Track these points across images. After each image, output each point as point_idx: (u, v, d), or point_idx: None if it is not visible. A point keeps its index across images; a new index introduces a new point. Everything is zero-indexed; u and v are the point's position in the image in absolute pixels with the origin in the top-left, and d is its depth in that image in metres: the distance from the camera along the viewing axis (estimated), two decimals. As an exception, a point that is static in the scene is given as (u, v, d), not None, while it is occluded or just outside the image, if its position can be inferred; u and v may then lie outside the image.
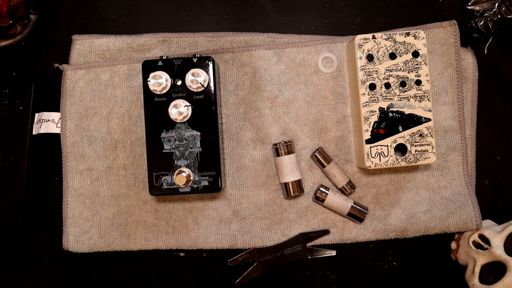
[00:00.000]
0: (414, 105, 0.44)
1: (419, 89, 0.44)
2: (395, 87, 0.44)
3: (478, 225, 0.47)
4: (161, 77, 0.43)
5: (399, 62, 0.44)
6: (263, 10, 0.51)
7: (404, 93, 0.44)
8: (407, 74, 0.44)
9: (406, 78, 0.44)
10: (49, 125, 0.49)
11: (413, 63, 0.44)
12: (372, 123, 0.44)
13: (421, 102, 0.44)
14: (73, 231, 0.48)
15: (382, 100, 0.44)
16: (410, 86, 0.44)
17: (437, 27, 0.48)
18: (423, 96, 0.44)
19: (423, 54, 0.44)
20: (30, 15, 0.49)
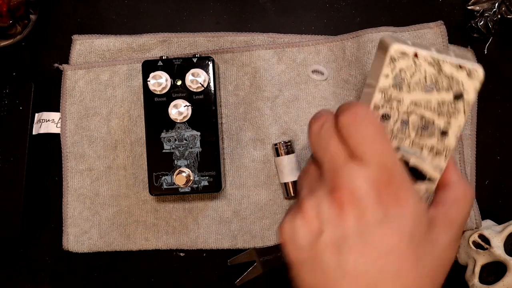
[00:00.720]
0: (426, 159, 0.33)
1: (441, 142, 0.33)
2: (413, 128, 0.33)
3: (478, 223, 0.47)
4: (161, 77, 0.43)
5: (432, 98, 0.32)
6: (263, 10, 0.51)
7: (420, 140, 0.33)
8: (436, 118, 0.32)
9: (432, 122, 0.32)
10: (49, 125, 0.49)
11: (450, 107, 0.32)
12: None
13: (435, 157, 0.33)
14: (73, 231, 0.48)
15: (390, 138, 0.33)
16: (432, 133, 0.33)
17: (425, 28, 0.48)
18: (441, 152, 0.33)
19: (467, 100, 0.32)
20: (30, 15, 0.49)
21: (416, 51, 0.31)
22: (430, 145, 0.33)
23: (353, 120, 0.29)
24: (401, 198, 0.28)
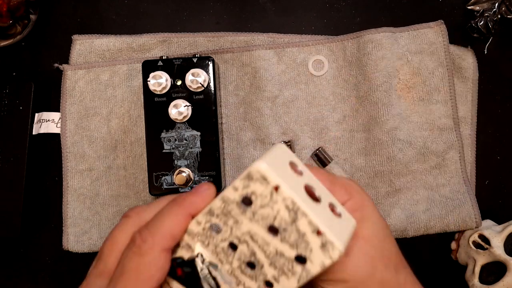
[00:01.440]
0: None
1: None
2: (238, 258, 0.27)
3: (478, 222, 0.47)
4: (161, 77, 0.43)
5: (272, 244, 0.26)
6: (263, 10, 0.51)
7: (241, 274, 0.27)
8: (267, 265, 0.27)
9: (261, 267, 0.27)
10: (49, 125, 0.49)
11: (286, 264, 0.26)
12: (178, 255, 0.29)
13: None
14: (73, 231, 0.48)
15: (211, 252, 0.28)
16: (254, 277, 0.27)
17: (425, 27, 0.48)
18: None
19: (309, 270, 0.26)
20: (30, 15, 0.49)
21: (279, 184, 0.25)
22: (248, 286, 0.27)
23: (130, 246, 0.28)
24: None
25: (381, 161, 0.47)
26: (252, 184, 0.26)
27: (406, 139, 0.48)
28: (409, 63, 0.48)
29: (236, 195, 0.26)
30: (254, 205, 0.26)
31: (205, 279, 0.28)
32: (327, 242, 0.25)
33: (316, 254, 0.25)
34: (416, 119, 0.48)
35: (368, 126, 0.48)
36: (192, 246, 0.28)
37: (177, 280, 0.29)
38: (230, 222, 0.27)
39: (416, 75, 0.48)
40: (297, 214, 0.25)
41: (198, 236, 0.28)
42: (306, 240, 0.25)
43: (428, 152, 0.48)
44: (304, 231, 0.25)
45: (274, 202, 0.25)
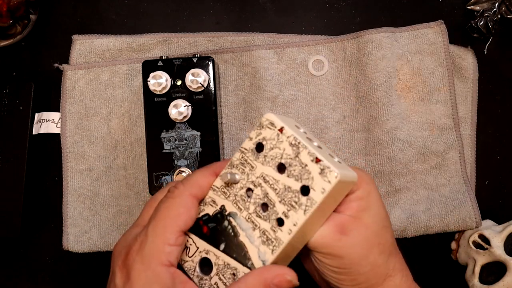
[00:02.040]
0: (254, 240, 0.30)
1: (274, 230, 0.30)
2: (254, 201, 0.31)
3: (478, 222, 0.47)
4: (161, 77, 0.44)
5: (281, 181, 0.30)
6: (263, 10, 0.51)
7: (256, 218, 0.30)
8: (277, 202, 0.30)
9: (273, 205, 0.30)
10: (49, 125, 0.49)
11: (293, 197, 0.29)
12: (205, 212, 0.33)
13: (263, 244, 0.30)
14: (73, 231, 0.48)
15: (231, 201, 0.32)
16: (268, 217, 0.30)
17: (425, 27, 0.48)
18: (270, 242, 0.30)
19: (312, 199, 0.29)
20: (30, 15, 0.49)
21: (283, 126, 0.30)
22: (263, 229, 0.30)
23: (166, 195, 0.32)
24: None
25: (381, 161, 0.47)
26: (263, 131, 0.31)
27: (406, 139, 0.48)
28: (409, 63, 0.48)
29: (251, 143, 0.31)
30: (265, 149, 0.31)
31: (226, 230, 0.32)
32: (325, 168, 0.29)
33: (317, 181, 0.29)
34: (416, 119, 0.48)
35: (368, 126, 0.48)
36: (216, 201, 0.32)
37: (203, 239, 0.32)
38: (246, 169, 0.31)
39: (416, 75, 0.48)
40: (299, 147, 0.30)
41: (221, 189, 0.32)
42: (307, 170, 0.29)
43: (428, 152, 0.48)
44: (306, 162, 0.29)
45: (280, 142, 0.30)
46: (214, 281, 0.31)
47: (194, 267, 0.32)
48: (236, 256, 0.31)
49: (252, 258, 0.30)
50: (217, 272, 0.31)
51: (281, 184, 0.30)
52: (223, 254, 0.31)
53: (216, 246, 0.32)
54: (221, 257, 0.31)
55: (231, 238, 0.31)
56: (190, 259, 0.32)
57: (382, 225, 0.32)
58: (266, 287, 0.29)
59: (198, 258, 0.32)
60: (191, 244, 0.33)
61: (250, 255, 0.30)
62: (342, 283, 0.32)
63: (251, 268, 0.30)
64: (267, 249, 0.30)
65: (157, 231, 0.30)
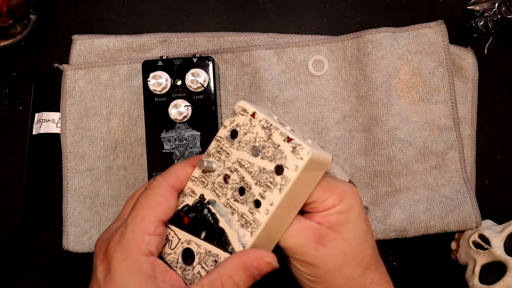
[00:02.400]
0: (233, 225, 0.31)
1: (251, 212, 0.30)
2: (231, 187, 0.31)
3: (478, 222, 0.47)
4: (161, 77, 0.43)
5: (255, 163, 0.31)
6: (263, 10, 0.51)
7: (234, 202, 0.31)
8: (253, 184, 0.30)
9: (249, 188, 0.31)
10: (49, 125, 0.49)
11: (268, 177, 0.30)
12: (184, 203, 0.33)
13: (242, 228, 0.30)
14: (73, 231, 0.48)
15: (209, 190, 0.32)
16: (245, 200, 0.31)
17: (425, 27, 0.48)
18: (248, 224, 0.30)
19: (286, 177, 0.29)
20: (30, 15, 0.49)
21: (254, 111, 0.31)
22: (241, 212, 0.31)
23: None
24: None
25: (381, 161, 0.47)
26: (236, 118, 0.32)
27: (406, 139, 0.48)
28: (409, 63, 0.48)
29: (225, 131, 0.32)
30: (239, 135, 0.32)
31: (206, 219, 0.32)
32: (296, 146, 0.30)
33: (290, 159, 0.30)
34: (416, 119, 0.48)
35: (368, 126, 0.48)
36: (195, 191, 0.33)
37: (184, 230, 0.33)
38: (222, 156, 0.32)
39: (416, 75, 0.48)
40: (271, 129, 0.31)
41: (200, 179, 0.33)
42: (280, 150, 0.30)
43: (428, 152, 0.48)
44: (278, 142, 0.30)
45: (253, 126, 0.31)
46: (196, 270, 0.32)
47: (176, 259, 0.32)
48: (217, 243, 0.31)
49: (232, 242, 0.31)
50: (199, 261, 0.32)
51: (256, 166, 0.31)
52: (204, 242, 0.32)
53: (197, 235, 0.32)
54: (202, 246, 0.32)
55: (211, 226, 0.32)
56: (173, 251, 0.33)
57: (361, 240, 0.33)
58: (246, 270, 0.29)
59: (180, 249, 0.32)
60: (173, 237, 0.33)
61: (230, 240, 0.31)
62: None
63: (231, 252, 0.31)
64: (246, 232, 0.30)
65: (136, 221, 0.30)
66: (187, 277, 0.32)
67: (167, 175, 0.32)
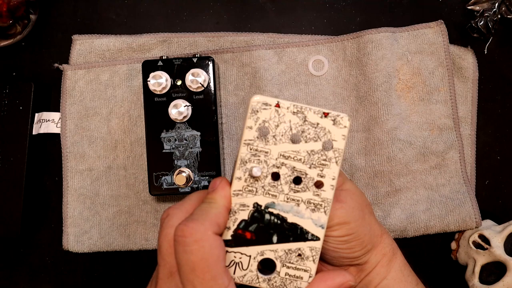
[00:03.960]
0: (304, 214, 0.31)
1: (317, 194, 0.31)
2: (285, 181, 0.31)
3: (478, 222, 0.47)
4: (161, 77, 0.43)
5: (301, 149, 0.31)
6: (263, 10, 0.51)
7: (295, 194, 0.31)
8: (307, 169, 0.31)
9: (304, 174, 0.31)
10: (49, 125, 0.49)
11: (320, 156, 0.31)
12: (239, 221, 0.31)
13: (314, 212, 0.31)
14: (73, 231, 0.48)
15: (262, 194, 0.31)
16: (306, 186, 0.31)
17: (425, 27, 0.48)
18: (319, 206, 0.31)
19: (337, 148, 0.31)
20: (30, 15, 0.49)
21: (278, 101, 0.30)
22: (306, 199, 0.31)
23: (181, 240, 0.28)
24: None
25: (381, 161, 0.47)
26: (259, 114, 0.30)
27: (406, 139, 0.48)
28: (409, 63, 0.48)
29: (253, 132, 0.31)
30: (270, 129, 0.31)
31: (271, 223, 0.31)
32: (335, 117, 0.30)
33: (334, 131, 0.30)
34: (416, 119, 0.48)
35: (368, 126, 0.48)
36: (245, 203, 0.31)
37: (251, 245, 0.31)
38: (262, 157, 0.31)
39: (416, 75, 0.48)
40: (303, 111, 0.30)
41: (245, 189, 0.31)
42: (321, 127, 0.30)
43: (428, 152, 0.48)
44: (316, 121, 0.30)
45: (282, 116, 0.30)
46: (283, 273, 0.31)
47: (256, 275, 0.32)
48: (294, 238, 0.31)
49: (309, 229, 0.31)
50: (282, 264, 0.31)
51: (303, 152, 0.31)
52: (279, 244, 0.31)
53: (269, 242, 0.31)
54: (279, 249, 0.31)
55: (280, 226, 0.31)
56: (247, 270, 0.31)
57: (359, 190, 0.36)
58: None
59: (255, 265, 0.31)
60: (241, 258, 0.31)
61: (306, 228, 0.31)
62: (353, 250, 0.34)
63: (312, 239, 0.31)
64: (320, 214, 0.31)
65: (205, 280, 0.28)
66: (276, 284, 0.31)
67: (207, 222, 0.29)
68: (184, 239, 0.28)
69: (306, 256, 0.31)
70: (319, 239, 0.31)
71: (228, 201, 0.31)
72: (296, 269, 0.31)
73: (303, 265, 0.31)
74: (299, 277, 0.31)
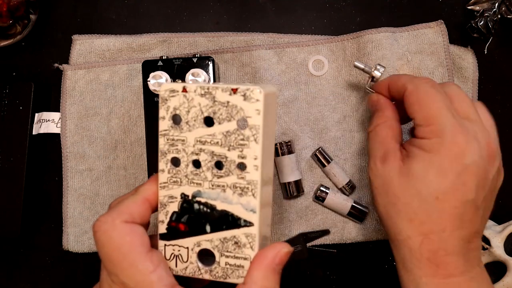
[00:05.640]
0: (231, 200, 0.30)
1: (242, 177, 0.29)
2: (206, 168, 0.30)
3: (478, 224, 0.46)
4: (161, 77, 0.43)
5: (216, 132, 0.29)
6: (263, 10, 0.51)
7: (218, 179, 0.30)
8: (227, 152, 0.29)
9: (224, 157, 0.29)
10: (49, 125, 0.49)
11: (237, 137, 0.29)
12: (170, 213, 0.31)
13: (241, 196, 0.30)
14: (73, 231, 0.48)
15: (187, 184, 0.30)
16: (228, 170, 0.30)
17: (425, 27, 0.48)
18: (246, 189, 0.29)
19: (254, 125, 0.29)
20: (30, 15, 0.49)
21: (184, 85, 0.29)
22: (231, 184, 0.30)
23: (94, 235, 0.30)
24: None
25: (381, 161, 0.47)
26: (169, 103, 0.30)
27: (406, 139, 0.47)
28: (409, 63, 0.48)
29: (166, 121, 0.30)
30: (182, 116, 0.30)
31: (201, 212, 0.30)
32: (245, 92, 0.28)
33: (247, 107, 0.28)
34: (416, 119, 0.48)
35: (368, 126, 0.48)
36: (173, 194, 0.31)
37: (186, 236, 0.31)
38: (179, 146, 0.30)
39: (416, 75, 0.48)
40: (211, 92, 0.29)
41: (170, 181, 0.31)
42: (232, 105, 0.29)
43: (428, 152, 0.48)
44: (225, 99, 0.29)
45: (191, 100, 0.29)
46: (223, 263, 0.30)
47: (197, 267, 0.31)
48: (227, 226, 0.30)
49: (240, 215, 0.30)
50: (220, 253, 0.30)
51: (219, 134, 0.29)
52: (214, 233, 0.30)
53: (203, 232, 0.31)
54: (214, 238, 0.30)
55: (211, 214, 0.30)
56: (187, 263, 0.31)
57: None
58: (273, 271, 0.29)
59: (194, 256, 0.31)
60: (179, 250, 0.31)
61: (237, 215, 0.30)
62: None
63: (246, 225, 0.30)
64: (248, 198, 0.29)
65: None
66: (218, 275, 0.31)
67: (115, 213, 0.30)
68: (96, 234, 0.29)
69: (243, 244, 0.30)
70: (253, 224, 0.30)
71: (150, 192, 0.31)
72: (235, 257, 0.30)
73: (242, 253, 0.30)
74: (240, 266, 0.30)
